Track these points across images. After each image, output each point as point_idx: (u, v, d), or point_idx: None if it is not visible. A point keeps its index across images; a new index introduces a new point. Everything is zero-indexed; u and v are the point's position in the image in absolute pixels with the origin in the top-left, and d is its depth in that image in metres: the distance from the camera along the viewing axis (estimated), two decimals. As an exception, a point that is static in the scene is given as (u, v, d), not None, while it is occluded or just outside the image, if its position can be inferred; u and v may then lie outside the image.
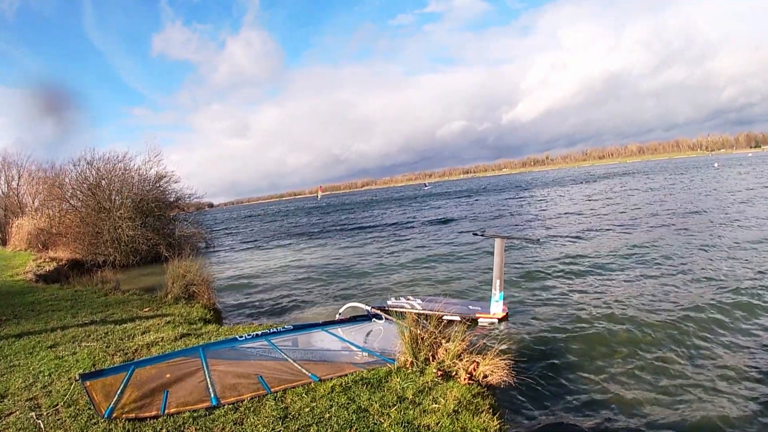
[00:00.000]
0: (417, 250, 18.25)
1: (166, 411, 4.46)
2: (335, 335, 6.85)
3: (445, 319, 8.04)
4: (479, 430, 4.12)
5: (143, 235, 22.31)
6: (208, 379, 5.09)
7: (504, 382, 5.30)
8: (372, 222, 34.13)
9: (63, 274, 16.63)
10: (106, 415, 4.37)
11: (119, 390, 4.82)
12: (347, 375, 5.20)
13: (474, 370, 5.31)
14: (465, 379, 5.09)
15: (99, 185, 22.94)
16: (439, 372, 5.21)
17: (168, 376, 5.20)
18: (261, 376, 5.19)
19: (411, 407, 4.41)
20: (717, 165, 76.70)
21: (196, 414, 4.40)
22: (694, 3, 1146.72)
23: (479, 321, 8.61)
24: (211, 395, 4.73)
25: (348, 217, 43.43)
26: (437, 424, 4.14)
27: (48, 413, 4.62)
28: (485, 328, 8.36)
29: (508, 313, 8.82)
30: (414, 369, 5.34)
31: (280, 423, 4.21)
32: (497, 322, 8.55)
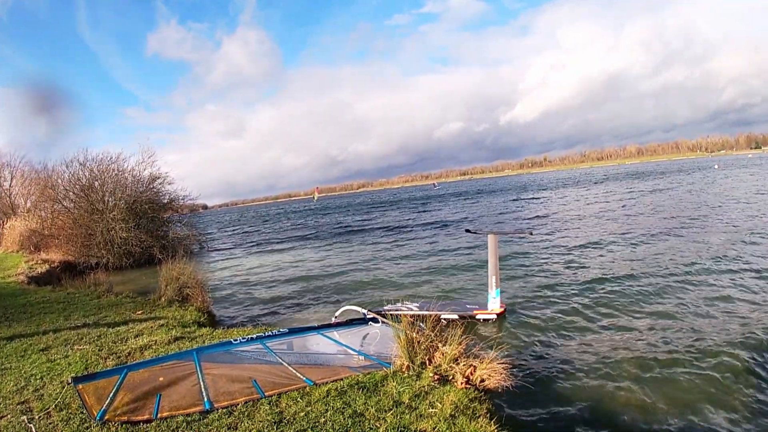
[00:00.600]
0: (415, 252, 18.21)
1: (159, 415, 4.46)
2: (331, 339, 6.85)
3: (443, 319, 8.05)
4: (476, 435, 4.12)
5: (136, 237, 22.28)
6: (201, 383, 5.09)
7: (501, 386, 5.29)
8: (369, 224, 34.07)
9: (55, 276, 16.58)
10: (98, 419, 4.36)
11: (112, 393, 4.82)
12: (343, 379, 5.19)
13: (471, 374, 5.31)
14: (462, 383, 5.08)
15: (92, 186, 22.90)
16: (436, 376, 5.21)
17: (161, 379, 5.20)
18: (255, 380, 5.18)
19: (407, 412, 4.39)
20: (717, 166, 76.87)
21: (189, 418, 4.39)
22: (693, 3, 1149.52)
23: (477, 318, 8.64)
24: (205, 399, 4.72)
25: (345, 220, 43.36)
26: (434, 429, 4.13)
27: (40, 417, 4.60)
28: (483, 325, 8.39)
29: (506, 309, 8.85)
30: (410, 373, 5.33)
31: (274, 428, 4.20)
32: (495, 317, 8.58)
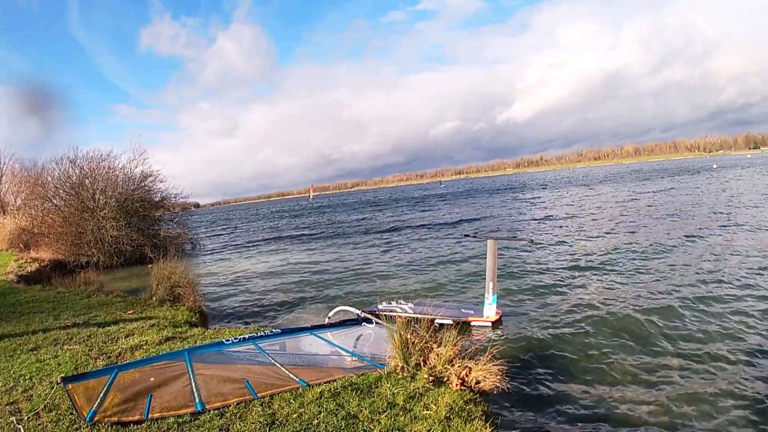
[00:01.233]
0: (411, 253, 18.24)
1: (149, 416, 4.45)
2: (324, 339, 6.85)
3: (437, 323, 8.04)
4: (471, 437, 4.12)
5: (127, 236, 22.24)
6: (193, 384, 5.08)
7: (497, 388, 5.30)
8: (364, 224, 34.06)
9: (45, 275, 16.55)
10: (88, 419, 4.35)
11: (102, 394, 4.81)
12: (336, 380, 5.19)
13: (466, 375, 5.32)
14: (457, 385, 5.09)
15: (82, 184, 22.84)
16: (431, 377, 5.22)
17: (152, 380, 5.19)
18: (248, 380, 5.18)
19: (401, 414, 4.40)
20: (716, 166, 77.14)
21: (180, 419, 4.39)
22: (693, 1, 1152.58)
23: (472, 324, 8.63)
24: (196, 400, 4.71)
25: (339, 219, 43.33)
26: (428, 431, 4.13)
27: (29, 418, 4.59)
28: (478, 331, 8.40)
29: (501, 317, 8.83)
30: (405, 374, 5.34)
31: (267, 429, 4.20)
32: (490, 325, 8.57)
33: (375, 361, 5.84)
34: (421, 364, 5.55)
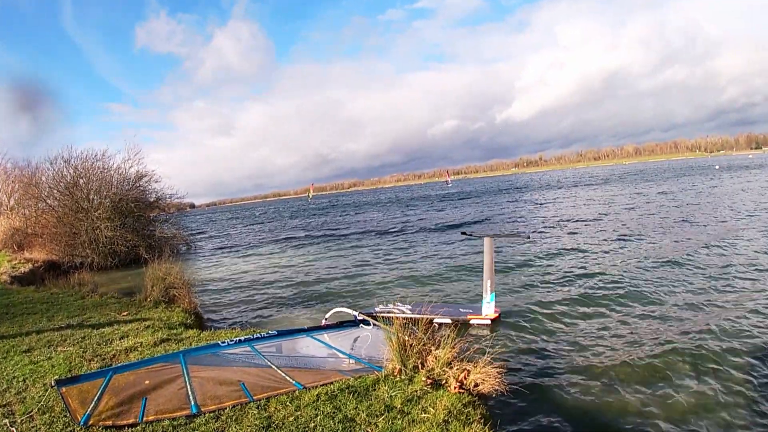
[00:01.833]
0: (409, 253, 18.24)
1: (144, 419, 4.45)
2: (321, 341, 6.84)
3: (436, 323, 8.06)
4: (469, 440, 4.12)
5: (122, 236, 22.21)
6: (188, 386, 5.08)
7: (496, 390, 5.29)
8: (361, 225, 34.04)
9: (39, 275, 16.55)
10: (82, 423, 4.35)
11: (96, 397, 4.80)
12: (333, 383, 5.18)
13: (465, 378, 5.31)
14: (455, 388, 5.08)
15: (77, 184, 22.80)
16: (429, 380, 5.21)
17: (147, 382, 5.18)
18: (243, 383, 5.17)
19: (399, 417, 4.39)
20: (717, 167, 77.21)
21: (175, 422, 4.39)
22: (694, 0, 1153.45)
23: (471, 323, 8.64)
24: (192, 403, 4.71)
25: (337, 220, 43.31)
26: (426, 434, 4.14)
27: (22, 420, 4.59)
28: (477, 329, 8.41)
29: (500, 315, 8.85)
30: (402, 377, 5.34)
31: (263, 432, 4.20)
32: (489, 323, 8.58)
33: (372, 364, 5.84)
34: (419, 366, 5.55)
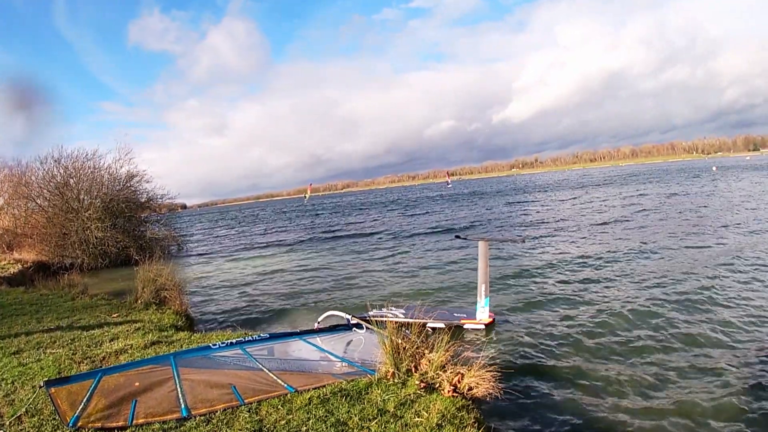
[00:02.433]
0: (403, 256, 18.29)
1: (134, 421, 4.44)
2: (313, 345, 6.83)
3: (429, 328, 8.05)
4: (463, 444, 4.13)
5: (113, 237, 22.19)
6: (178, 389, 5.07)
7: (490, 394, 5.31)
8: (356, 227, 34.03)
9: (28, 276, 16.54)
10: (71, 425, 4.34)
11: (86, 398, 4.79)
12: (325, 386, 5.19)
13: (458, 382, 5.33)
14: (449, 392, 5.09)
15: (67, 184, 22.81)
16: (422, 384, 5.22)
17: (137, 384, 5.17)
18: (235, 386, 5.17)
19: (392, 421, 4.40)
20: (715, 169, 77.46)
21: (165, 425, 4.38)
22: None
23: (465, 328, 8.64)
24: (182, 406, 4.71)
25: (331, 222, 43.26)
26: (419, 438, 4.14)
27: (10, 423, 4.58)
28: (471, 333, 8.41)
29: (494, 320, 8.85)
30: (395, 380, 5.34)
31: (254, 436, 4.20)
32: (483, 328, 8.58)
33: (365, 367, 5.84)
34: (413, 370, 5.56)
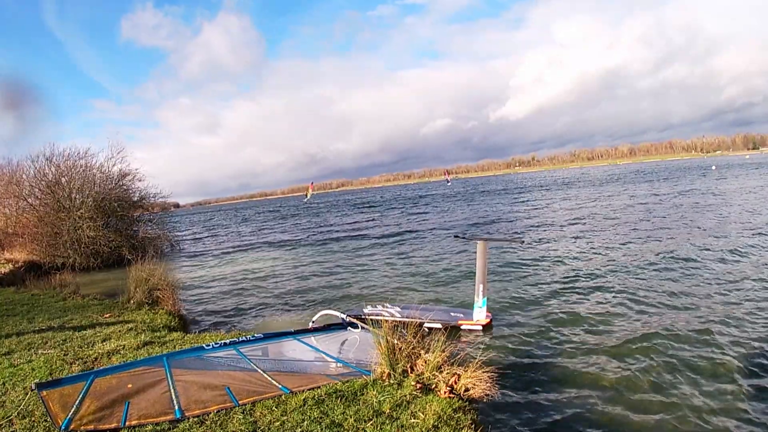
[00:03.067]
0: (399, 255, 18.24)
1: (126, 423, 4.43)
2: (308, 345, 6.84)
3: (426, 327, 8.05)
4: (459, 446, 4.13)
5: (105, 237, 22.15)
6: (172, 390, 5.07)
7: (487, 395, 5.31)
8: (353, 226, 33.99)
9: (19, 276, 16.47)
10: (63, 427, 4.34)
11: (77, 401, 4.78)
12: (320, 387, 5.19)
13: (455, 382, 5.33)
14: (445, 393, 5.10)
15: (58, 183, 22.76)
16: (418, 384, 5.22)
17: (129, 386, 5.16)
18: (228, 387, 5.17)
19: (388, 422, 4.40)
20: (714, 168, 77.54)
21: (158, 427, 4.38)
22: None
23: (462, 328, 8.64)
24: (175, 407, 4.70)
25: (325, 221, 43.23)
26: (415, 439, 4.14)
27: (1, 425, 4.57)
28: (468, 334, 8.41)
29: (492, 320, 8.84)
30: (391, 381, 5.34)
31: (248, 437, 4.20)
32: (481, 329, 8.58)
33: (360, 368, 5.84)
34: (409, 370, 5.56)
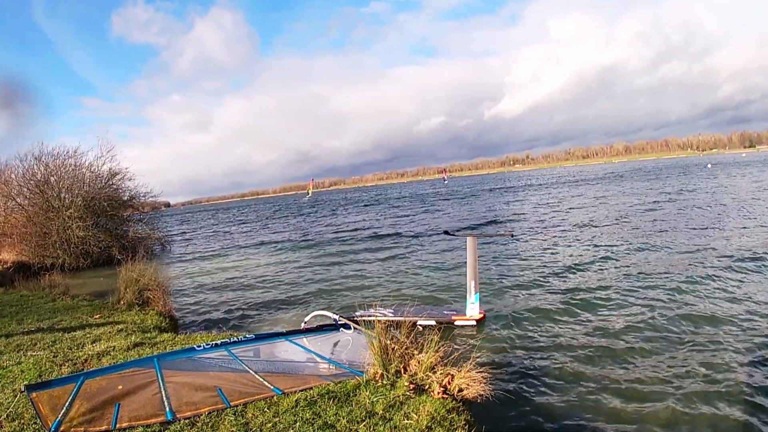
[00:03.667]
0: (391, 254, 18.26)
1: (117, 425, 4.43)
2: (300, 345, 6.84)
3: (419, 325, 8.08)
4: (453, 447, 4.15)
5: (95, 237, 22.12)
6: (163, 392, 5.07)
7: (481, 395, 5.32)
8: (347, 226, 33.96)
9: (8, 277, 16.44)
10: (52, 429, 4.33)
11: (67, 402, 4.77)
12: (312, 388, 5.19)
13: (449, 383, 5.34)
14: (439, 393, 5.10)
15: (48, 182, 22.70)
16: (412, 385, 5.23)
17: (120, 388, 5.16)
18: (220, 388, 5.17)
19: (381, 423, 4.41)
20: (710, 166, 77.79)
21: (149, 429, 4.38)
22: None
23: (456, 324, 8.67)
24: (166, 409, 4.70)
25: (324, 219, 43.21)
26: (408, 440, 4.16)
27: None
28: (462, 333, 8.44)
29: (485, 316, 8.88)
30: (384, 382, 5.35)
31: (240, 439, 4.20)
32: (475, 324, 8.62)
33: (353, 368, 5.85)
34: (402, 371, 5.57)
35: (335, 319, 7.67)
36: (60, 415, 4.53)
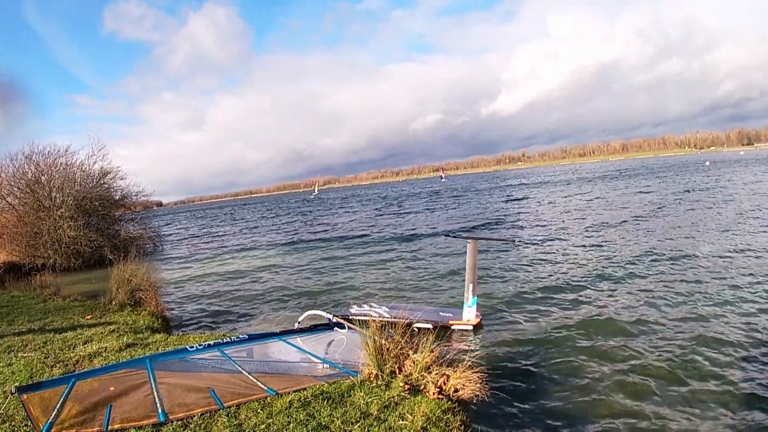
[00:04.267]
0: (387, 255, 18.23)
1: (109, 427, 4.43)
2: (294, 345, 6.85)
3: (415, 328, 8.06)
4: (448, 448, 4.16)
5: (86, 236, 22.01)
6: (155, 393, 5.07)
7: (476, 396, 5.33)
8: (341, 226, 33.96)
9: (-2, 278, 16.39)
10: (44, 431, 4.33)
11: (59, 404, 4.77)
12: (306, 389, 5.20)
13: (444, 383, 5.35)
14: (434, 394, 5.12)
15: (38, 181, 22.59)
16: (407, 386, 5.24)
17: (112, 389, 5.16)
18: (213, 389, 5.17)
19: (376, 424, 4.42)
20: (708, 164, 77.92)
21: (141, 430, 4.38)
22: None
23: (452, 328, 8.66)
24: (159, 410, 4.70)
25: (318, 218, 43.19)
26: (403, 441, 4.16)
27: (-20, 430, 4.56)
28: (458, 334, 8.44)
29: (482, 320, 8.87)
30: (379, 382, 5.36)
31: (233, 440, 4.21)
32: (471, 329, 8.60)
33: (347, 369, 5.85)
34: (397, 371, 5.58)
35: (329, 319, 7.67)
36: (51, 417, 4.53)
